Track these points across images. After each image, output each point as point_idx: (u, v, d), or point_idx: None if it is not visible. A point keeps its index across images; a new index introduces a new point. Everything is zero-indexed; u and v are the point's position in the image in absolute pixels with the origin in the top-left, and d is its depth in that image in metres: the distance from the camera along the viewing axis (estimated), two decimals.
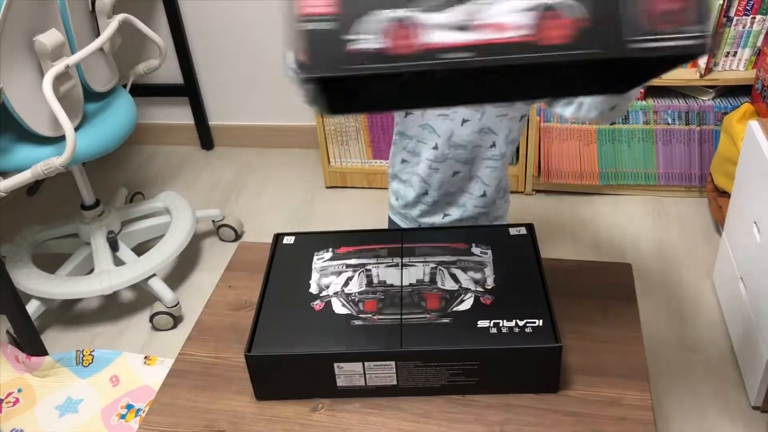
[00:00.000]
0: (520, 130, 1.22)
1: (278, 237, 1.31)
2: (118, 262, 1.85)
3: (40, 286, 1.76)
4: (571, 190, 2.17)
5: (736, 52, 1.91)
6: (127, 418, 1.54)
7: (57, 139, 1.57)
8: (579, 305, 1.23)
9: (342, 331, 1.07)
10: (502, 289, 1.13)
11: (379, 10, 0.60)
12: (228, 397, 1.11)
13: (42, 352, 1.70)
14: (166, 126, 2.61)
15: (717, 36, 1.86)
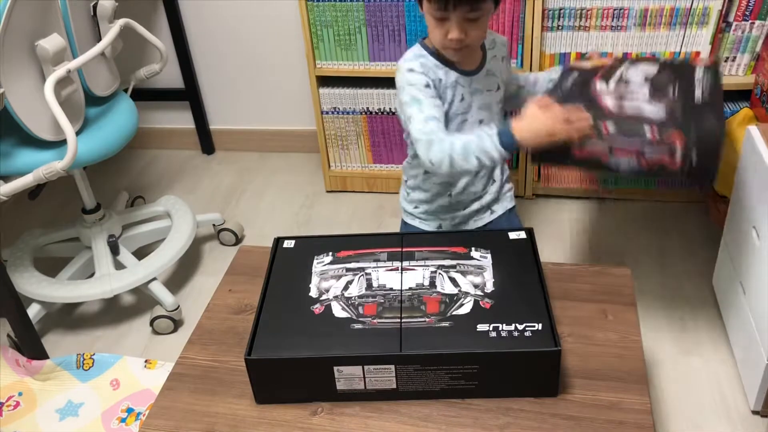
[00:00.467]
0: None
1: (278, 241, 1.32)
2: (119, 266, 1.85)
3: (41, 290, 1.76)
4: (571, 194, 2.17)
5: (735, 57, 1.91)
6: (128, 422, 1.54)
7: (58, 144, 1.58)
8: (578, 309, 1.24)
9: (342, 335, 1.08)
10: (502, 293, 1.14)
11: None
12: (228, 401, 1.11)
13: (43, 355, 1.70)
14: (167, 130, 2.61)
15: (716, 41, 1.86)
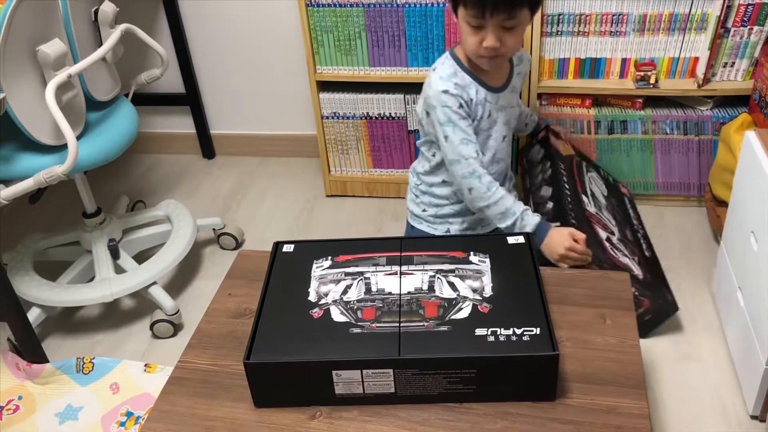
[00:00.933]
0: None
1: (278, 245, 1.32)
2: (119, 270, 1.85)
3: (41, 294, 1.76)
4: None
5: (734, 63, 1.92)
6: (127, 426, 1.54)
7: (59, 148, 1.59)
8: (576, 314, 1.24)
9: (340, 339, 1.08)
10: (500, 298, 1.14)
11: None
12: (227, 405, 1.11)
13: (42, 359, 1.70)
14: (168, 135, 2.62)
15: (715, 47, 1.87)
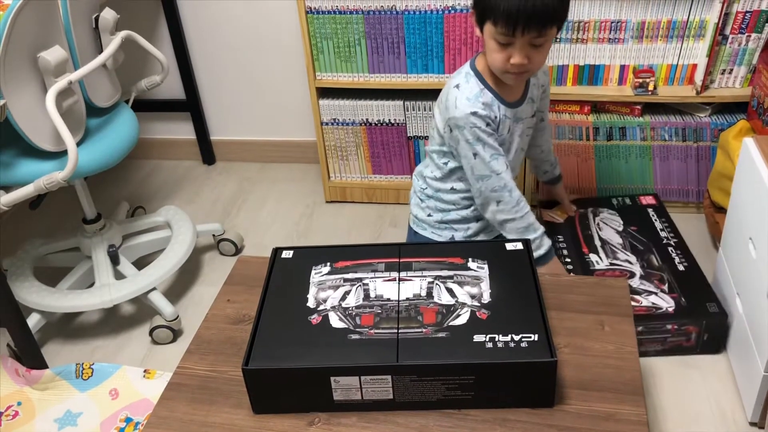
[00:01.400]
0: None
1: (277, 251, 1.32)
2: (119, 276, 1.86)
3: (40, 300, 1.76)
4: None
5: (732, 70, 1.92)
6: (126, 431, 1.54)
7: (59, 154, 1.59)
8: (575, 320, 1.24)
9: (339, 345, 1.08)
10: (498, 304, 1.14)
11: None
12: (225, 411, 1.11)
13: (42, 365, 1.70)
14: (168, 141, 2.62)
15: (713, 54, 1.88)
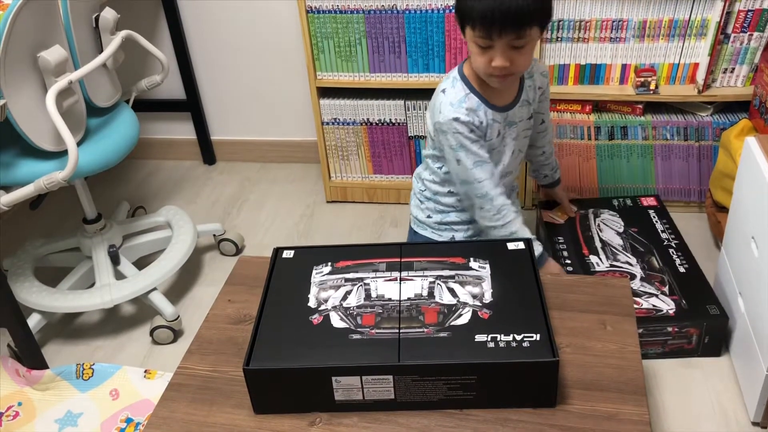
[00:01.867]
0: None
1: (278, 251, 1.32)
2: (119, 276, 1.85)
3: (41, 300, 1.76)
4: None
5: (734, 69, 1.92)
6: None
7: (60, 154, 1.59)
8: (577, 320, 1.24)
9: (340, 345, 1.08)
10: (500, 304, 1.14)
11: None
12: (226, 411, 1.11)
13: (42, 365, 1.70)
14: (169, 141, 2.62)
15: (715, 52, 1.87)
